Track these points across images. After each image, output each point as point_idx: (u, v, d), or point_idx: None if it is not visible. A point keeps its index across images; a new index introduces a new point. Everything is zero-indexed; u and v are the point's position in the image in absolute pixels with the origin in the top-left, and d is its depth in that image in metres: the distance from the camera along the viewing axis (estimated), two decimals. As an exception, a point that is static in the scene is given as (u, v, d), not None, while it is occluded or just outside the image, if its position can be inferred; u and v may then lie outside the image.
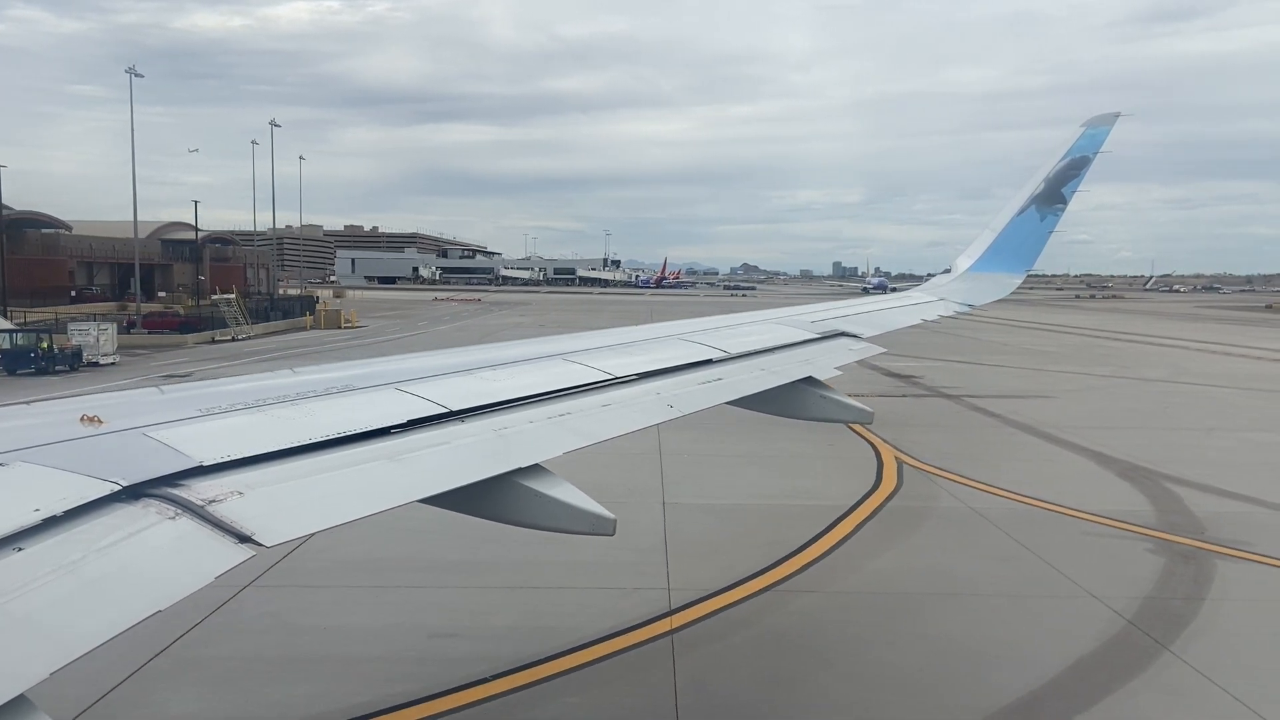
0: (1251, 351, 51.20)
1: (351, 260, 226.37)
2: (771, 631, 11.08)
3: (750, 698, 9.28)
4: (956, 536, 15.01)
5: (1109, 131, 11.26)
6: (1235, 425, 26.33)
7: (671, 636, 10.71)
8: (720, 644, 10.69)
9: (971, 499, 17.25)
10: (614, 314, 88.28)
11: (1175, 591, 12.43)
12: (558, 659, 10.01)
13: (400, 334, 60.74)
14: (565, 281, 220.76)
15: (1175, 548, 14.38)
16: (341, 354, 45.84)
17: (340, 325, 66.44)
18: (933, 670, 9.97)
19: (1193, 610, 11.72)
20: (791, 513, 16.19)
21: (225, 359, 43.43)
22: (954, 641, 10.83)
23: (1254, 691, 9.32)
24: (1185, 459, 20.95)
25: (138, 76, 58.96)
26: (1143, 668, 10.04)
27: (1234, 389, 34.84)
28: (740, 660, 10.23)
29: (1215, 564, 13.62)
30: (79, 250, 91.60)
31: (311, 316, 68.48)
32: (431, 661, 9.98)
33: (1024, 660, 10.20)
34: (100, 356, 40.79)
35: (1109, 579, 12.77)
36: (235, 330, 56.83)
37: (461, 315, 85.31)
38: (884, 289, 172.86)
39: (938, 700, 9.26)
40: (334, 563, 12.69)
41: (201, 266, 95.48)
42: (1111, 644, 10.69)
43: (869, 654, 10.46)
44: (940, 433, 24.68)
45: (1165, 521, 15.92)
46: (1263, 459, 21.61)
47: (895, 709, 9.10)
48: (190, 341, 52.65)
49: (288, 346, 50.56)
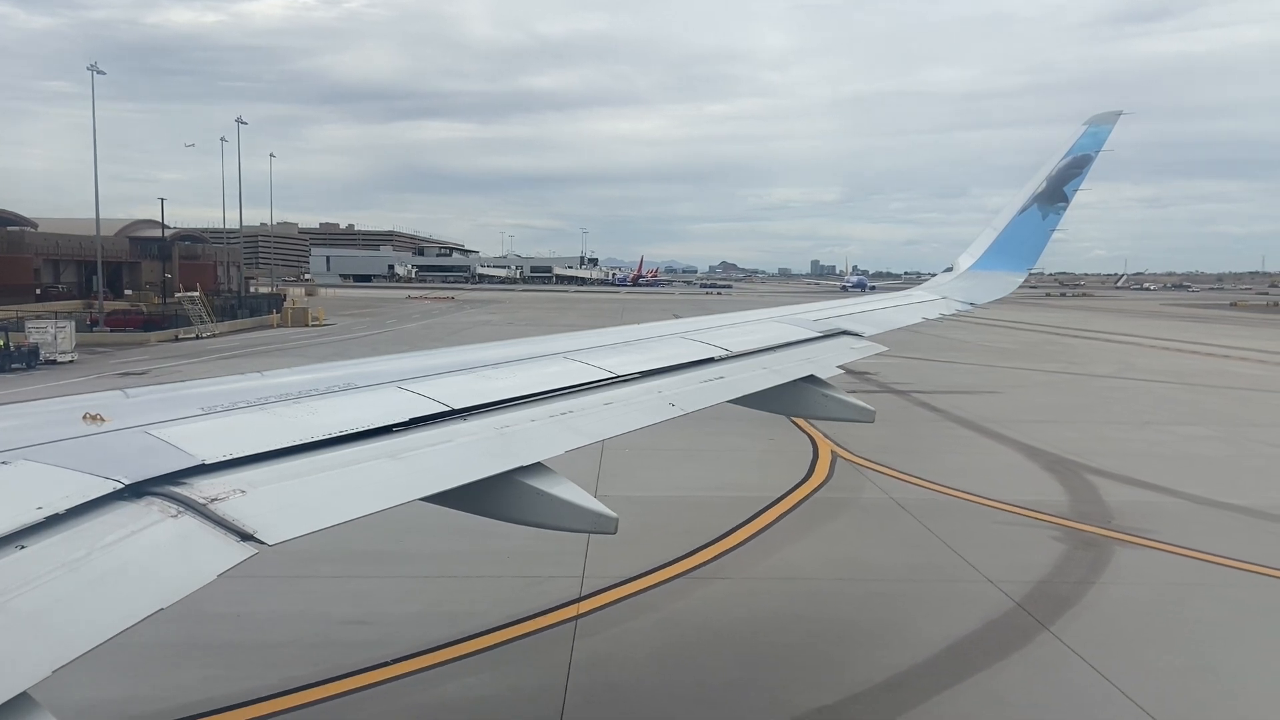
0: (1204, 348, 52.23)
1: (327, 258, 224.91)
2: (673, 616, 11.47)
3: (638, 676, 9.67)
4: (873, 526, 15.48)
5: (1111, 130, 11.29)
6: (1168, 419, 27.04)
7: (576, 621, 11.07)
8: (621, 627, 11.07)
9: (896, 490, 17.73)
10: (584, 312, 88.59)
11: (1068, 576, 12.95)
12: (459, 644, 10.34)
13: (366, 332, 60.73)
14: (542, 280, 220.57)
15: (1080, 535, 14.91)
16: (303, 351, 45.88)
17: (307, 323, 66.27)
18: (816, 650, 10.41)
19: (1080, 593, 12.22)
20: (719, 504, 16.59)
21: (185, 357, 43.35)
22: (846, 623, 11.27)
23: (1114, 665, 9.83)
24: (1111, 451, 21.57)
25: (99, 73, 58.57)
26: (1018, 646, 10.52)
27: (1177, 384, 35.66)
28: (638, 642, 10.62)
29: (1114, 550, 14.17)
30: (45, 248, 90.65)
31: (278, 315, 68.26)
32: (334, 646, 10.27)
33: (908, 640, 10.65)
34: (58, 354, 40.60)
35: (1008, 565, 13.27)
36: (199, 328, 56.60)
37: (432, 313, 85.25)
38: (863, 287, 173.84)
39: (814, 678, 9.68)
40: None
41: (170, 264, 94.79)
42: (994, 624, 11.17)
43: (761, 635, 10.87)
44: (881, 427, 25.06)
45: (1076, 511, 16.48)
46: (1185, 451, 22.27)
47: (773, 684, 9.50)
48: (153, 340, 52.41)
49: (250, 345, 50.46)
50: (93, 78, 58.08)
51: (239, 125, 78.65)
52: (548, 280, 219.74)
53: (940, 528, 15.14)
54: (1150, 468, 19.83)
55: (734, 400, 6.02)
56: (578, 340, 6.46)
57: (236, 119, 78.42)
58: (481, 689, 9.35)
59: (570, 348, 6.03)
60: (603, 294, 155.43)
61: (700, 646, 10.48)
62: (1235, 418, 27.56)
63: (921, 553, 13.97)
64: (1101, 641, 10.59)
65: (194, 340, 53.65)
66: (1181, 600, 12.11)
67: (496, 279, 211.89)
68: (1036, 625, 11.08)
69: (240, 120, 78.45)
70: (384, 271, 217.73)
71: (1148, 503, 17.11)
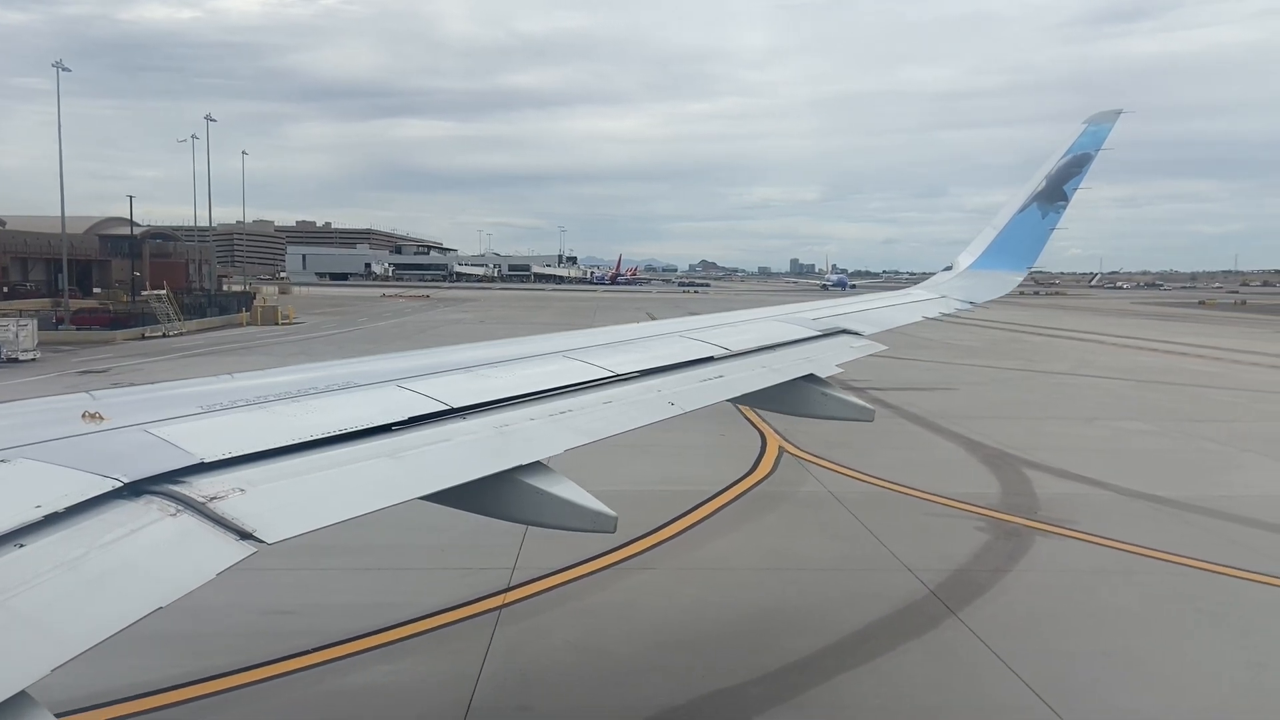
0: (1163, 346, 53.19)
1: (303, 256, 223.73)
2: (594, 605, 11.78)
3: (551, 663, 9.97)
4: (806, 518, 15.87)
5: (1111, 129, 11.27)
6: (1115, 415, 27.65)
7: (500, 611, 11.37)
8: (543, 617, 11.37)
9: (834, 484, 18.13)
10: (558, 310, 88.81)
11: (985, 565, 13.38)
12: (382, 632, 10.61)
13: (335, 330, 60.67)
14: (521, 278, 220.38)
15: (1004, 526, 15.37)
16: (268, 350, 45.85)
17: (277, 321, 66.08)
18: (728, 635, 10.77)
19: (993, 581, 12.65)
20: (660, 498, 16.90)
21: (148, 355, 43.23)
22: (763, 610, 11.63)
23: (1011, 648, 10.25)
24: (1051, 446, 22.10)
25: (65, 70, 58.21)
26: (923, 631, 10.92)
27: (1130, 381, 36.38)
28: (558, 630, 10.92)
29: (1034, 540, 14.62)
30: (13, 246, 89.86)
31: (248, 313, 68.02)
32: (260, 637, 10.51)
33: (819, 626, 11.03)
34: (20, 352, 40.38)
35: (929, 554, 13.69)
36: (166, 327, 56.32)
37: (405, 312, 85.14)
38: (844, 286, 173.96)
39: (721, 662, 10.02)
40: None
41: (140, 263, 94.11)
42: (906, 610, 11.57)
43: (680, 622, 11.21)
44: (831, 423, 25.57)
45: (1006, 503, 16.95)
46: (1122, 446, 22.85)
47: (679, 668, 9.85)
48: (119, 338, 52.11)
49: (216, 343, 50.33)
50: (58, 74, 57.76)
51: (208, 123, 78.23)
52: (526, 279, 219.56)
53: (871, 519, 15.55)
54: (1085, 461, 20.35)
55: (733, 399, 6.04)
56: (577, 339, 6.50)
57: (206, 116, 78.01)
58: (395, 676, 9.61)
59: (570, 346, 6.05)
60: (579, 292, 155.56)
61: (613, 634, 10.81)
62: (1178, 413, 28.21)
63: (848, 544, 14.36)
64: (1004, 626, 11.01)
65: (160, 339, 53.39)
66: (1090, 587, 12.55)
67: (474, 277, 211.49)
68: (945, 611, 11.48)
69: (209, 118, 78.15)
70: (361, 270, 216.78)
71: (1076, 494, 17.62)
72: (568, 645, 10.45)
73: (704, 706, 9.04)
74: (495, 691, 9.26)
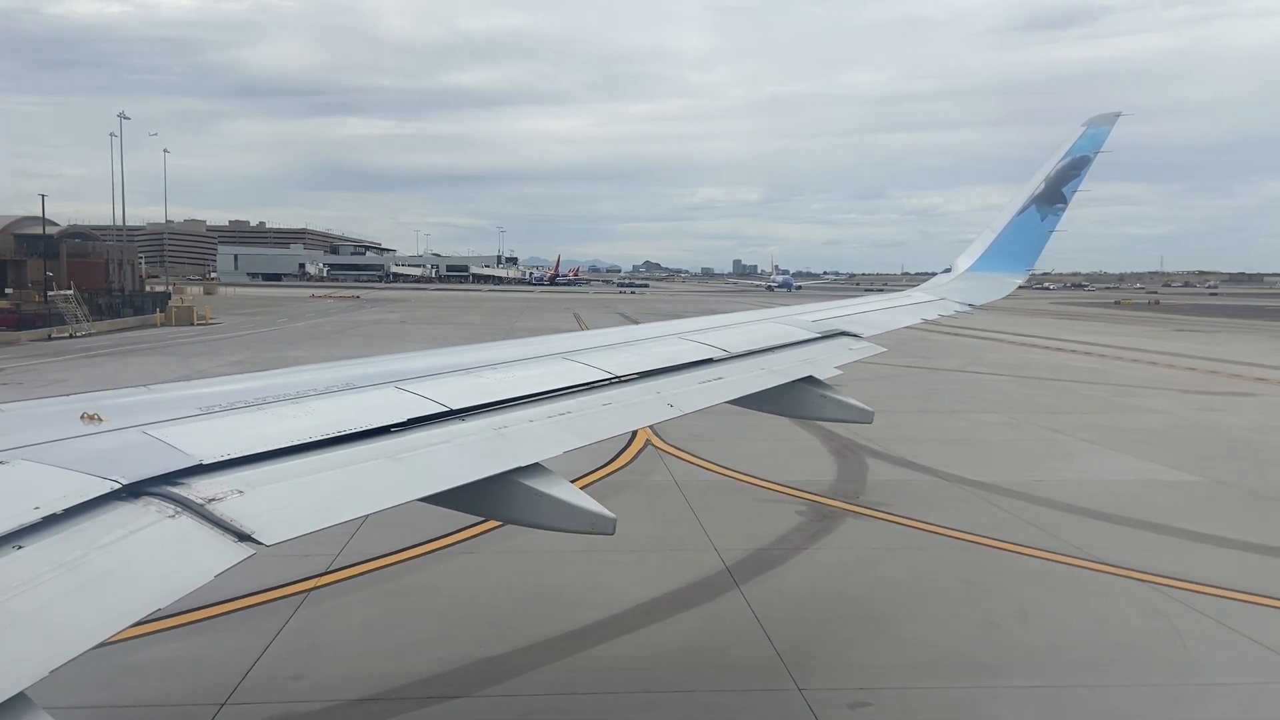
0: (1061, 344, 55.58)
1: (235, 256, 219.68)
2: (405, 586, 12.46)
3: (343, 638, 10.62)
4: (640, 504, 16.71)
5: (1110, 131, 11.35)
6: (975, 408, 29.14)
7: (308, 594, 11.97)
8: (348, 597, 12.00)
9: (684, 473, 19.04)
10: (486, 311, 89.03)
11: (788, 544, 14.37)
12: (186, 614, 11.14)
13: (251, 330, 60.14)
14: (459, 279, 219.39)
15: (822, 509, 16.42)
16: (173, 351, 45.45)
17: (193, 322, 65.29)
18: (519, 610, 11.53)
19: (787, 557, 13.64)
20: (510, 489, 17.61)
21: (49, 356, 42.60)
22: (561, 588, 12.42)
23: (776, 615, 11.23)
24: (904, 438, 23.31)
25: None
26: (702, 602, 11.83)
27: (1012, 377, 38.12)
28: (358, 609, 11.57)
29: (844, 521, 15.68)
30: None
31: (163, 313, 67.05)
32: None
33: (609, 601, 11.85)
34: (-90, 354, 39.57)
35: (740, 535, 14.63)
36: (74, 327, 55.40)
37: (330, 312, 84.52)
38: (789, 287, 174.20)
39: (505, 635, 10.78)
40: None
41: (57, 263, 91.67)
42: (696, 585, 12.48)
43: (475, 600, 11.94)
44: (705, 418, 26.53)
45: (835, 489, 18.02)
46: (973, 436, 24.22)
47: (464, 640, 10.59)
48: (24, 339, 51.16)
49: (122, 344, 49.66)
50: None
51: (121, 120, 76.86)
52: (464, 279, 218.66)
53: (702, 505, 16.46)
54: (928, 451, 21.59)
55: (733, 401, 6.13)
56: (577, 341, 6.59)
57: (119, 114, 76.61)
58: (178, 653, 10.13)
59: (569, 348, 6.12)
60: (516, 293, 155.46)
61: (412, 611, 11.50)
62: (1040, 406, 29.81)
63: (670, 527, 15.25)
64: (777, 597, 11.98)
65: (67, 339, 52.52)
66: (873, 561, 13.61)
67: (411, 278, 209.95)
68: (730, 584, 12.41)
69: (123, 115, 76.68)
70: (295, 270, 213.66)
71: (901, 481, 18.80)
72: (364, 622, 11.11)
73: (469, 672, 9.79)
74: (275, 661, 9.88)
